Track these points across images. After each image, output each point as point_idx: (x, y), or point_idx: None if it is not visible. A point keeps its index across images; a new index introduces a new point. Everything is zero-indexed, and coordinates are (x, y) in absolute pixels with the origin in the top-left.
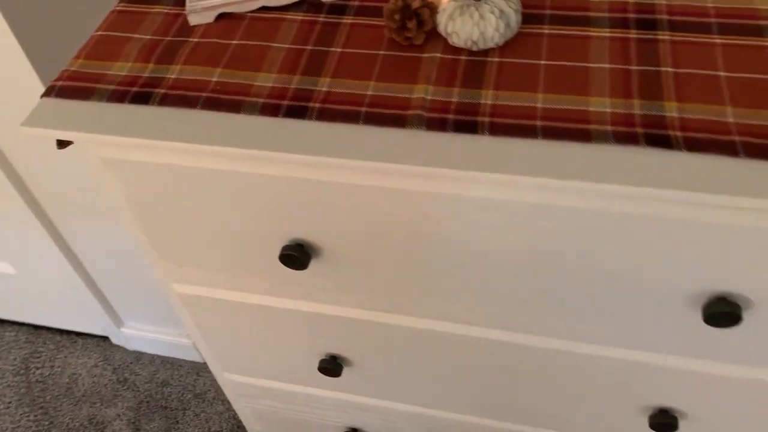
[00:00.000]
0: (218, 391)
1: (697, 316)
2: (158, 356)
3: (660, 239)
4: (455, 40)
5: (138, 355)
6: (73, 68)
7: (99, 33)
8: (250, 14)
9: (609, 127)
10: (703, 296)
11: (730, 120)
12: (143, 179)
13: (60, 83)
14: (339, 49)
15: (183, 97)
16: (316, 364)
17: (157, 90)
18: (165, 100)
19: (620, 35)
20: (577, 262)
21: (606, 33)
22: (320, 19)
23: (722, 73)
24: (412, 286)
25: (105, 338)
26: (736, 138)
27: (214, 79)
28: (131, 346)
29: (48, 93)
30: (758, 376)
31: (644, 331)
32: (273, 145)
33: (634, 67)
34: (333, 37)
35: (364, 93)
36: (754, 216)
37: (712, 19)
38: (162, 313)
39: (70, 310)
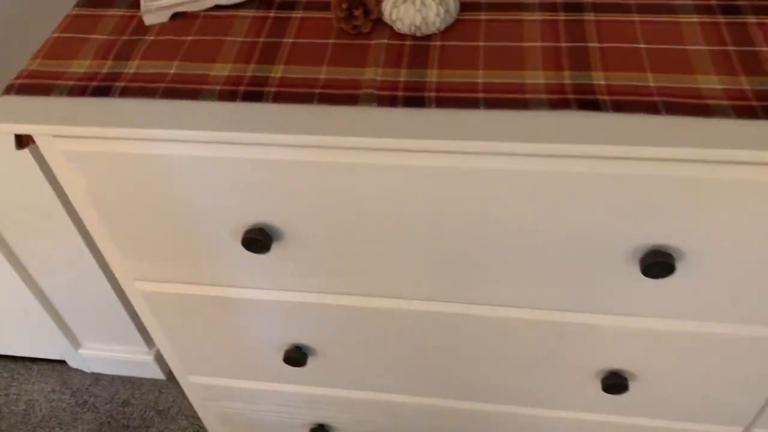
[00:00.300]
0: (181, 406)
1: (637, 271)
2: (118, 377)
3: (595, 196)
4: (400, 27)
5: (97, 377)
6: (31, 68)
7: (55, 35)
8: (203, 13)
9: (544, 96)
10: (640, 250)
11: (651, 84)
12: (105, 171)
13: (19, 81)
14: (291, 40)
15: (142, 89)
16: (281, 357)
17: (116, 83)
18: (125, 92)
19: (550, 18)
20: (519, 225)
21: (537, 17)
22: (271, 14)
23: (642, 46)
24: (370, 264)
25: (62, 362)
26: (657, 98)
27: (172, 72)
28: (89, 368)
29: (8, 91)
30: (700, 330)
31: (590, 292)
32: (231, 127)
33: (564, 44)
34: (284, 30)
35: (317, 77)
36: (678, 167)
37: (631, 1)
38: (120, 330)
39: (24, 335)
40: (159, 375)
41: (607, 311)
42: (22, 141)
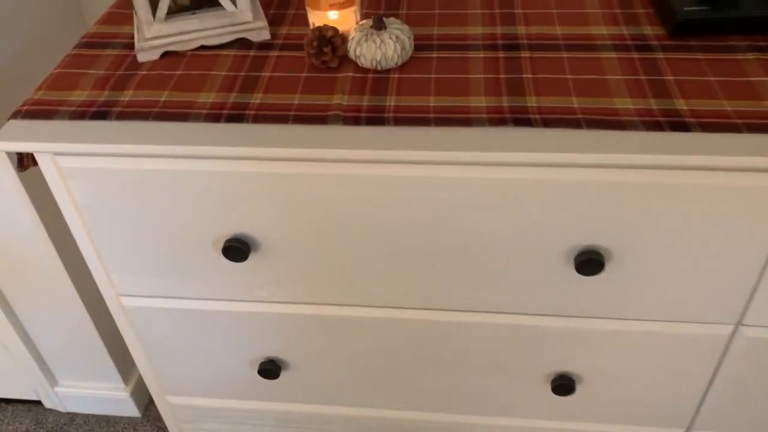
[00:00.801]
0: None
1: (572, 270)
2: (93, 415)
3: (531, 201)
4: (363, 62)
5: (72, 416)
6: (35, 97)
7: (57, 70)
8: (190, 52)
9: (485, 115)
10: (574, 250)
11: (576, 105)
12: (100, 187)
13: (25, 108)
14: (268, 74)
15: (136, 113)
16: (255, 371)
17: (112, 109)
18: (120, 116)
19: (491, 56)
20: (466, 229)
21: (481, 55)
22: (251, 53)
23: (569, 76)
24: (337, 272)
25: (36, 403)
26: (580, 116)
27: (163, 99)
28: (65, 407)
29: (14, 116)
30: (632, 328)
31: (531, 293)
32: (215, 143)
33: (503, 76)
34: (262, 66)
35: (291, 102)
36: (602, 173)
37: (561, 41)
38: (98, 365)
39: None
40: (134, 413)
41: (550, 312)
42: (24, 163)
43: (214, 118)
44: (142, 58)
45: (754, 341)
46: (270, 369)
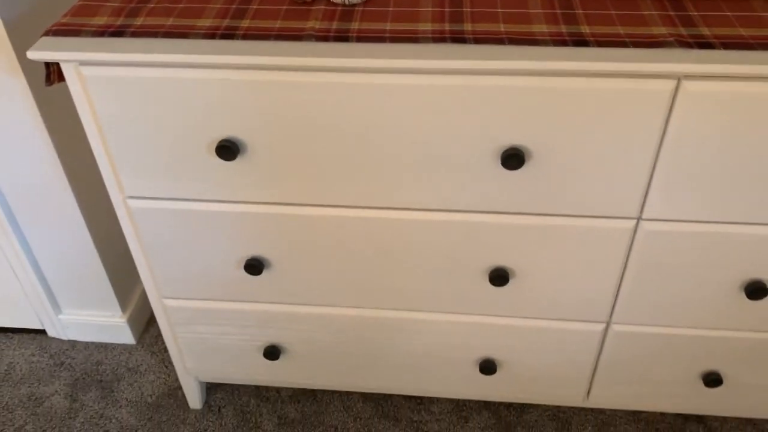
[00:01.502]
0: (149, 364)
1: (499, 166)
2: (92, 342)
3: (465, 105)
4: None
5: (73, 343)
6: (62, 21)
7: (79, 3)
8: None
9: (430, 36)
10: (500, 150)
11: (502, 29)
12: (117, 94)
13: (54, 28)
14: (255, 6)
15: (147, 32)
16: (241, 269)
17: (128, 29)
18: (134, 34)
19: None
20: (414, 132)
21: None
22: None
23: (499, 9)
24: (311, 173)
25: (41, 332)
26: (505, 37)
27: (169, 23)
28: (67, 335)
29: (46, 34)
30: (551, 222)
31: (467, 191)
32: (210, 52)
33: (447, 9)
34: (251, 1)
35: (273, 26)
36: (520, 80)
37: None
38: (99, 294)
39: (6, 306)
40: (130, 340)
41: (483, 209)
42: (51, 78)
43: (210, 37)
44: None
45: (654, 234)
46: (254, 265)
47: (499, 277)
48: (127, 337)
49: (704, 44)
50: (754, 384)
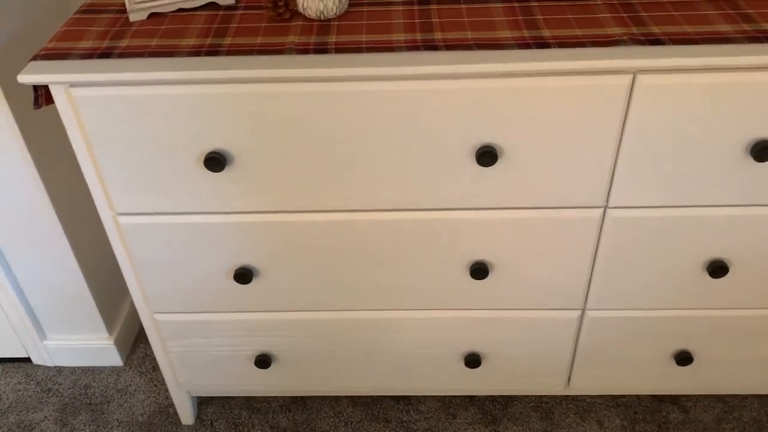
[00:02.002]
0: (138, 385)
1: (474, 164)
2: (79, 367)
3: (440, 107)
4: (309, 14)
5: (59, 369)
6: (49, 45)
7: (64, 29)
8: (171, 13)
9: (403, 45)
10: (474, 148)
11: (470, 36)
12: (105, 113)
13: (42, 52)
14: (235, 25)
15: (134, 53)
16: (231, 280)
17: (114, 51)
18: (121, 56)
19: (408, 8)
20: (393, 135)
21: (400, 8)
22: (220, 13)
23: (466, 19)
24: (296, 180)
25: (25, 360)
26: (473, 43)
27: (153, 43)
28: (53, 362)
29: (34, 58)
30: (524, 215)
31: (444, 190)
32: (197, 68)
33: (417, 20)
34: (230, 20)
35: (255, 42)
36: (488, 82)
37: None
38: (85, 317)
39: None
40: (118, 362)
41: (460, 206)
42: (39, 102)
43: (195, 54)
44: (133, 18)
45: (620, 221)
46: (243, 274)
47: (480, 270)
48: (114, 359)
49: (655, 41)
50: (721, 359)
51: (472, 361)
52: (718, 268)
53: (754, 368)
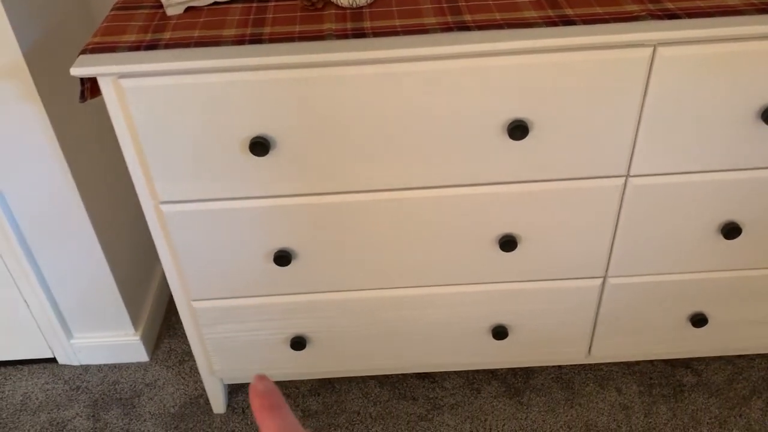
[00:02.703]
0: (166, 377)
1: (506, 138)
2: (105, 365)
3: (475, 84)
4: (342, 2)
5: (86, 368)
6: (94, 40)
7: (104, 25)
8: (206, 7)
9: (437, 26)
10: (506, 123)
11: (498, 17)
12: (153, 103)
13: (90, 46)
14: (271, 15)
15: (179, 44)
16: (270, 263)
17: (160, 42)
18: (168, 47)
19: None
20: (429, 113)
21: None
22: (254, 5)
23: (491, 2)
24: (337, 163)
25: (51, 361)
26: (502, 22)
27: (196, 34)
28: (79, 360)
29: (83, 52)
30: (553, 187)
31: (479, 164)
32: (244, 55)
33: (445, 5)
34: (265, 11)
35: (294, 30)
36: (521, 58)
37: None
38: (111, 314)
39: (15, 338)
40: (144, 357)
41: (491, 180)
42: (85, 95)
43: (240, 43)
44: (170, 12)
45: (640, 188)
46: (283, 256)
47: (509, 242)
48: (140, 355)
49: (671, 15)
50: (734, 320)
51: (500, 333)
52: (732, 230)
53: (764, 328)
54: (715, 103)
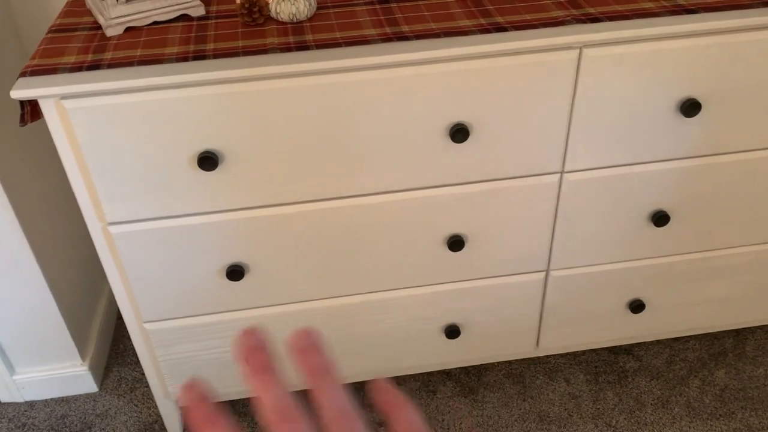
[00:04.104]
0: (118, 407)
1: (448, 141)
2: (51, 399)
3: (414, 92)
4: (282, 17)
5: (31, 404)
6: (33, 62)
7: (41, 47)
8: (146, 26)
9: (377, 37)
10: (447, 128)
11: (434, 26)
12: (98, 123)
13: (29, 69)
14: (213, 32)
15: (122, 63)
16: (222, 278)
17: (102, 63)
18: (111, 66)
19: (371, 7)
20: (373, 121)
21: (364, 7)
22: (194, 23)
23: (426, 13)
24: (283, 174)
25: None
26: (439, 31)
27: (138, 53)
28: (23, 397)
29: (23, 74)
30: (491, 187)
31: (421, 169)
32: (186, 71)
33: (382, 17)
34: (206, 29)
35: (237, 45)
36: (459, 65)
37: None
38: (56, 344)
39: None
40: (93, 388)
41: (436, 183)
42: (25, 118)
43: (183, 60)
44: (110, 33)
45: (575, 183)
46: (236, 270)
47: (457, 242)
48: (89, 386)
49: (594, 19)
50: (669, 303)
51: (452, 332)
52: (661, 218)
53: (697, 309)
54: (638, 99)
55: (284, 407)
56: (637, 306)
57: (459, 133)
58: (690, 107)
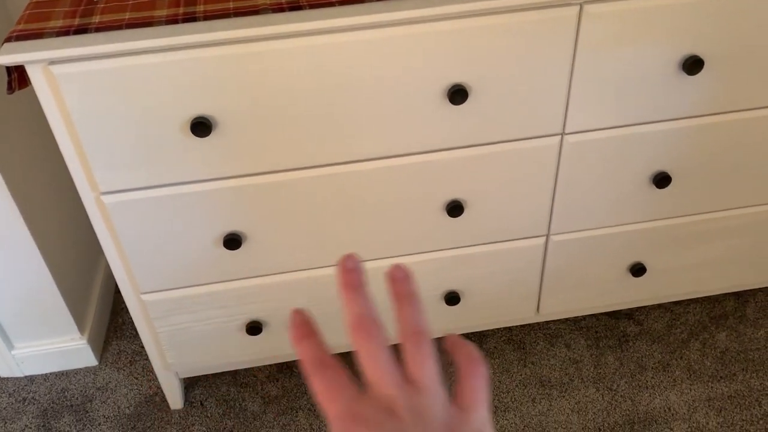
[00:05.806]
0: (118, 380)
1: (447, 103)
2: (51, 373)
3: (410, 52)
4: None
5: (31, 378)
6: (18, 27)
7: (27, 12)
8: None
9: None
10: (446, 89)
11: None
12: (87, 88)
13: (15, 34)
14: None
15: (109, 27)
16: (219, 248)
17: (90, 26)
18: (99, 30)
19: None
20: (369, 84)
21: None
22: None
23: None
24: (279, 140)
25: None
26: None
27: (126, 17)
28: (23, 371)
29: (8, 40)
30: (495, 150)
31: (420, 133)
32: (180, 33)
33: None
34: None
35: (228, 7)
36: (456, 23)
37: None
38: (54, 318)
39: None
40: (92, 361)
41: (435, 148)
42: (12, 86)
43: (173, 22)
44: None
45: (575, 145)
46: (233, 239)
47: (456, 208)
48: (88, 359)
49: None
50: (670, 267)
51: (452, 298)
52: (662, 179)
53: (697, 272)
54: (639, 57)
55: (365, 318)
56: (638, 270)
57: (457, 94)
58: (693, 65)
